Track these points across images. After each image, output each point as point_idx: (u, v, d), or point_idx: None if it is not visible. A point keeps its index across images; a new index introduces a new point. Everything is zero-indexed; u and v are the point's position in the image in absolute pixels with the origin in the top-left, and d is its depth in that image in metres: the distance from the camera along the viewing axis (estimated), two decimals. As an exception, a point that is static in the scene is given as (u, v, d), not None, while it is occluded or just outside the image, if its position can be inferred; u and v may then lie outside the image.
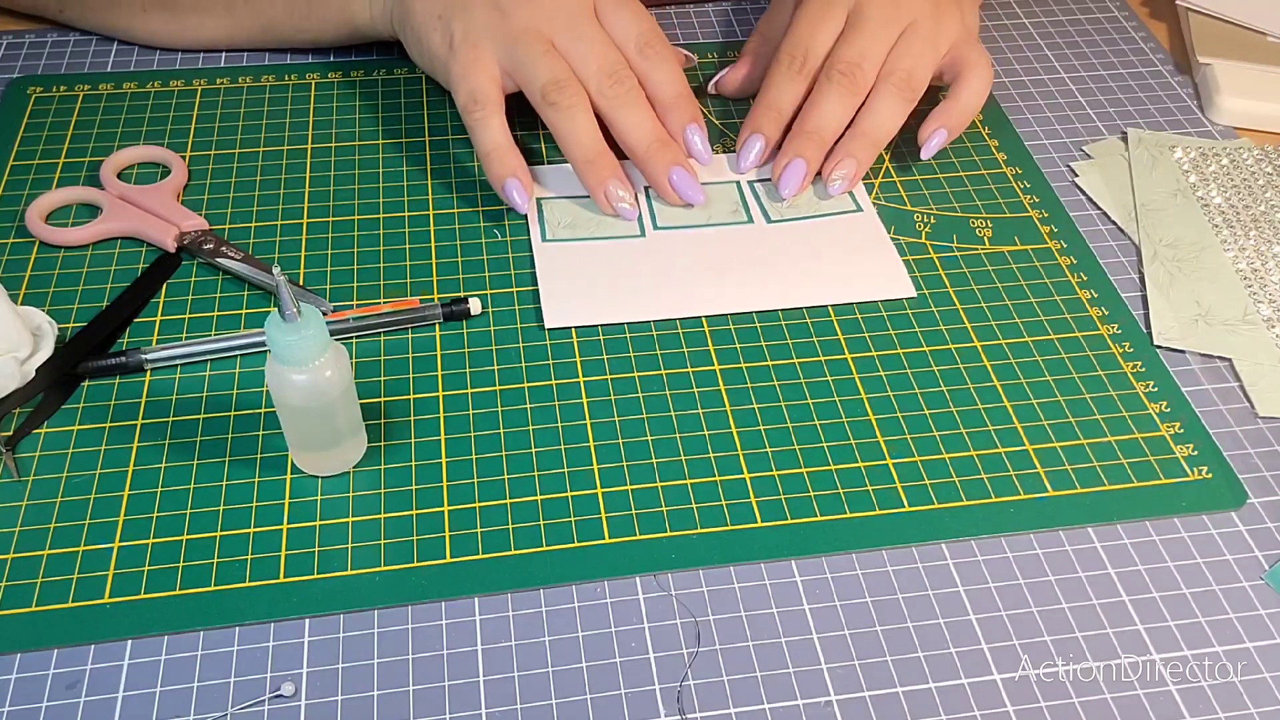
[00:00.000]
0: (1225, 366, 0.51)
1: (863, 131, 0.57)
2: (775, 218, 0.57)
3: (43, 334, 0.48)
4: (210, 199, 0.57)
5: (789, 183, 0.56)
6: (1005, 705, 0.39)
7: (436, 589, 0.42)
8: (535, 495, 0.45)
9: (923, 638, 0.41)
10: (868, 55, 0.57)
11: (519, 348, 0.50)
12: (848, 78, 0.56)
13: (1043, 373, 0.50)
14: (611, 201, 0.55)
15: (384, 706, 0.39)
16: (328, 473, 0.45)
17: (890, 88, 0.57)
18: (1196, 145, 0.62)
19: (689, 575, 0.43)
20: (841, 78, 0.56)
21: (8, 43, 0.66)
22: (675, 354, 0.50)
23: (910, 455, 0.47)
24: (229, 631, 0.40)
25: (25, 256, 0.53)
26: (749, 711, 0.39)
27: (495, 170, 0.55)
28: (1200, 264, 0.55)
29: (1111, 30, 0.72)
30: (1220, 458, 0.47)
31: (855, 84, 0.56)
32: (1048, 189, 0.59)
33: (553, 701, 0.39)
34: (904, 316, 0.52)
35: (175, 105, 0.62)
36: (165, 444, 0.46)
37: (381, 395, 0.48)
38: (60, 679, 0.39)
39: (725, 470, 0.46)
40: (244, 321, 0.51)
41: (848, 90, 0.56)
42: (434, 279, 0.53)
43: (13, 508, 0.44)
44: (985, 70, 0.59)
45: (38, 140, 0.59)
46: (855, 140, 0.57)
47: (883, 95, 0.57)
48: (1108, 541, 0.44)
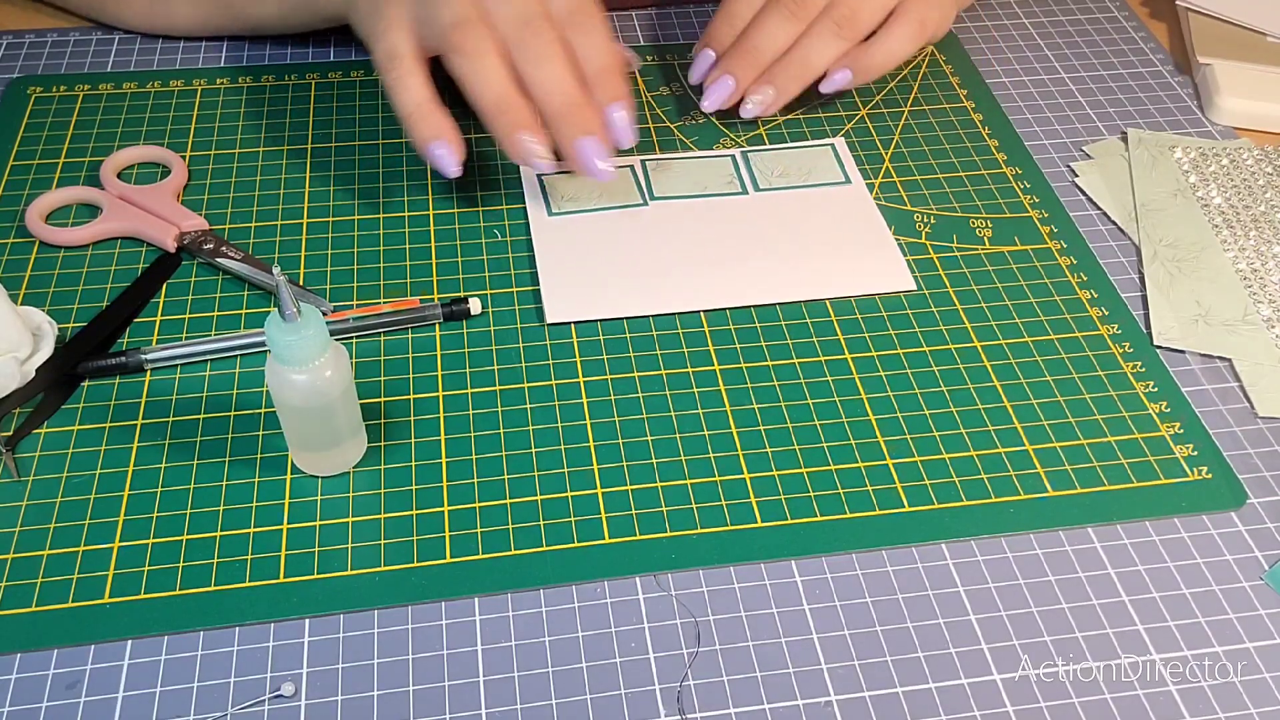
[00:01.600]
0: (1225, 366, 0.51)
1: (790, 61, 0.57)
2: (763, 185, 0.58)
3: (43, 334, 0.48)
4: (210, 199, 0.57)
5: (712, 96, 0.56)
6: (1005, 705, 0.39)
7: (436, 589, 0.42)
8: (535, 495, 0.45)
9: (923, 638, 0.41)
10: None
11: (519, 347, 0.50)
12: (795, 4, 0.56)
13: (1043, 373, 0.50)
14: (523, 150, 0.51)
15: (384, 706, 0.39)
16: (328, 473, 0.45)
17: (829, 24, 0.56)
18: (1196, 145, 0.62)
19: (689, 575, 0.43)
20: (790, 3, 0.56)
21: (8, 43, 0.66)
22: (675, 353, 0.50)
23: (910, 455, 0.47)
24: (229, 631, 0.40)
25: (25, 256, 0.53)
26: (749, 711, 0.39)
27: (419, 133, 0.51)
28: (1200, 264, 0.55)
29: (1111, 30, 0.72)
30: (1220, 458, 0.47)
31: (800, 10, 0.56)
32: (1048, 189, 0.59)
33: (553, 701, 0.39)
34: (904, 316, 0.52)
35: (175, 105, 0.62)
36: (165, 444, 0.46)
37: (381, 395, 0.48)
38: (60, 679, 0.39)
39: (725, 470, 0.46)
40: (244, 321, 0.51)
41: (790, 15, 0.56)
42: (434, 279, 0.53)
43: (13, 508, 0.44)
44: (917, 27, 0.58)
45: (38, 140, 0.59)
46: (781, 69, 0.57)
47: (818, 30, 0.56)
48: (1108, 541, 0.44)
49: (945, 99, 0.65)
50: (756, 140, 0.61)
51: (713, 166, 0.59)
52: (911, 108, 0.64)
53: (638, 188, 0.57)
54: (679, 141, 0.61)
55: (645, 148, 0.60)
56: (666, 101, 0.64)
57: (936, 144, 0.62)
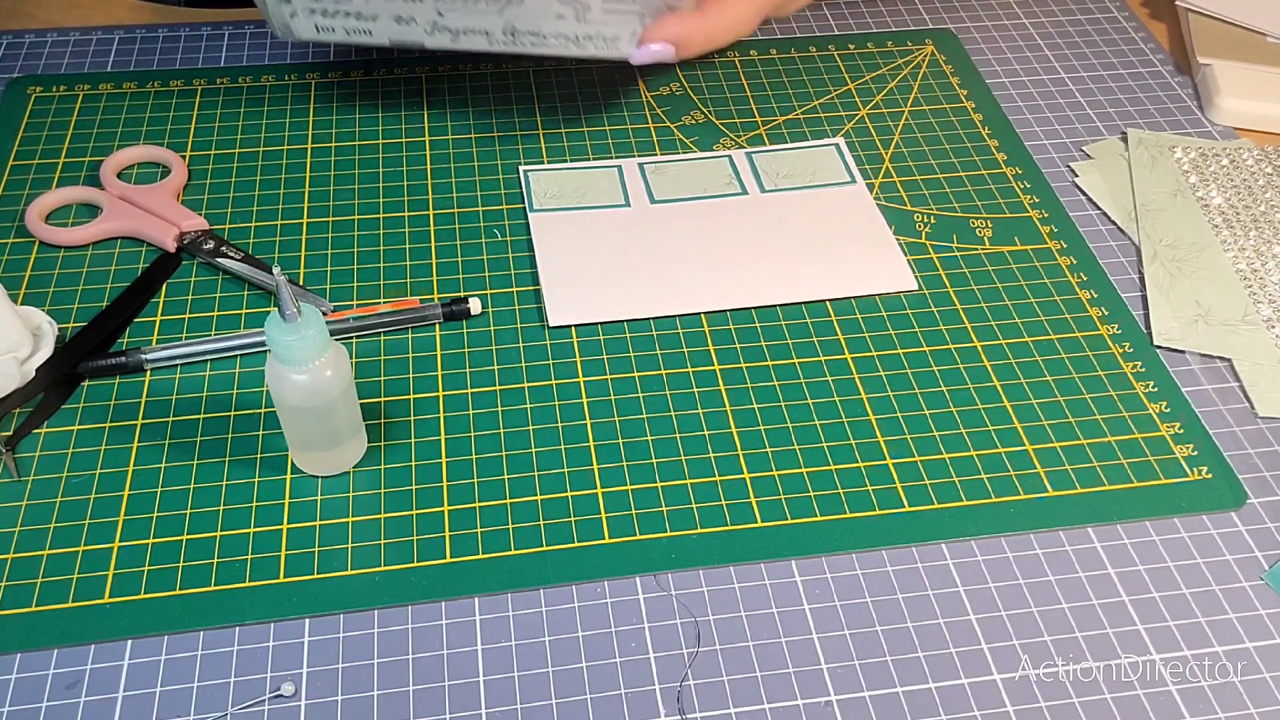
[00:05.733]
0: (1225, 366, 0.51)
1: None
2: (770, 187, 0.58)
3: (43, 334, 0.48)
4: (210, 199, 0.57)
5: (638, 56, 0.53)
6: (1005, 705, 0.39)
7: (436, 589, 0.42)
8: (535, 495, 0.45)
9: (923, 638, 0.41)
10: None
11: (519, 347, 0.50)
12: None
13: (1043, 373, 0.50)
14: None
15: (384, 706, 0.39)
16: (328, 473, 0.45)
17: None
18: (1196, 145, 0.62)
19: (689, 575, 0.43)
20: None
21: (8, 43, 0.66)
22: (675, 353, 0.50)
23: (910, 455, 0.47)
24: (229, 631, 0.40)
25: (25, 256, 0.53)
26: (749, 711, 0.39)
27: None
28: (1200, 264, 0.55)
29: (1111, 30, 0.72)
30: (1220, 458, 0.47)
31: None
32: (1048, 189, 0.59)
33: (553, 701, 0.39)
34: (904, 316, 0.52)
35: (175, 105, 0.62)
36: (165, 444, 0.46)
37: (381, 395, 0.48)
38: (60, 679, 0.39)
39: (725, 470, 0.46)
40: (244, 321, 0.51)
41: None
42: (434, 279, 0.53)
43: (13, 508, 0.44)
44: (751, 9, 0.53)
45: (38, 140, 0.59)
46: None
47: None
48: (1108, 541, 0.44)
49: (945, 99, 0.65)
50: (757, 141, 0.61)
51: (713, 167, 0.59)
52: (911, 108, 0.64)
53: (622, 189, 0.57)
54: (679, 141, 0.61)
55: (645, 148, 0.60)
56: (666, 101, 0.64)
57: (936, 144, 0.62)
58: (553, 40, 0.53)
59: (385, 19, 0.53)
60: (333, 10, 0.53)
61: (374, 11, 0.53)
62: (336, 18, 0.53)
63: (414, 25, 0.53)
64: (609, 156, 0.60)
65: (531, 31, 0.53)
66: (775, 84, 0.65)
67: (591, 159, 0.60)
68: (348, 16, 0.53)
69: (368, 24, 0.53)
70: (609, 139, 0.61)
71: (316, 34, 0.54)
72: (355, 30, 0.54)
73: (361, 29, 0.54)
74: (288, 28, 0.54)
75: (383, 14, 0.53)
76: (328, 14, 0.53)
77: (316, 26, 0.54)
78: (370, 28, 0.54)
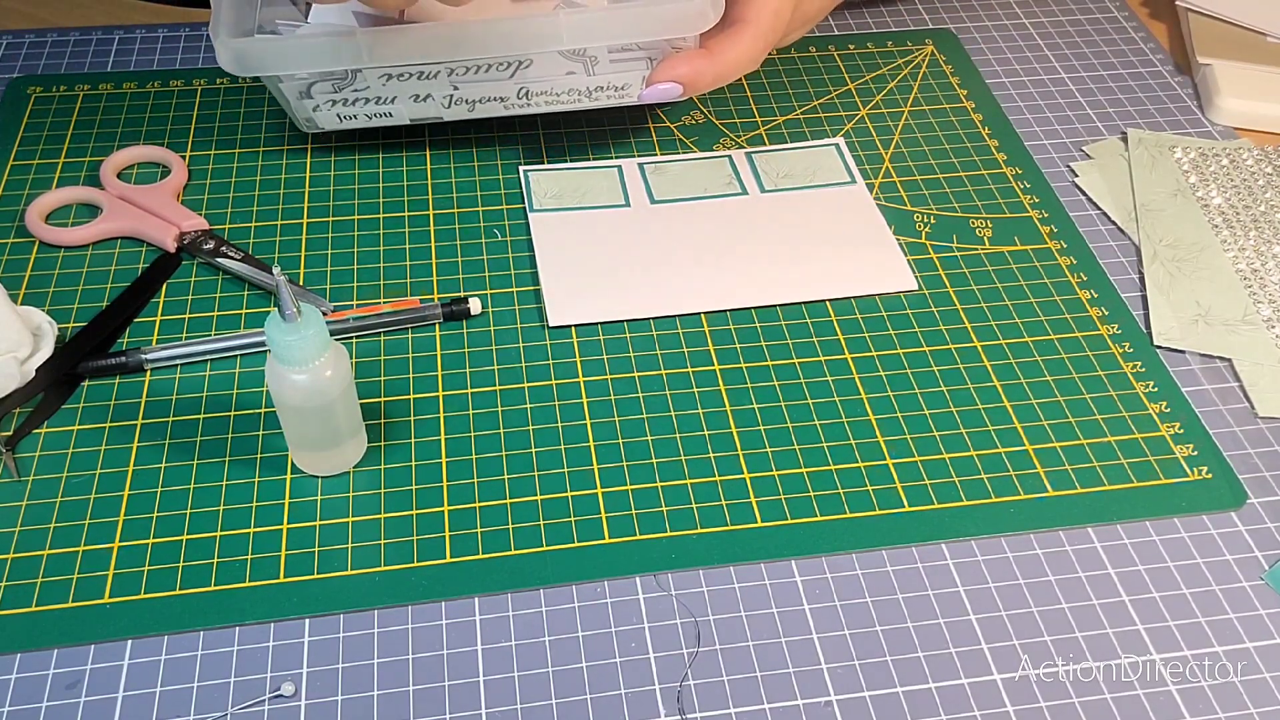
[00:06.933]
0: (1225, 366, 0.51)
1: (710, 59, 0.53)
2: (770, 187, 0.58)
3: (43, 334, 0.48)
4: (210, 199, 0.57)
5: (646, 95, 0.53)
6: (1005, 705, 0.39)
7: (436, 589, 0.42)
8: (535, 495, 0.45)
9: (923, 638, 0.41)
10: None
11: (519, 347, 0.50)
12: None
13: (1043, 373, 0.50)
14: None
15: (384, 706, 0.39)
16: (328, 473, 0.45)
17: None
18: (1196, 145, 0.62)
19: (689, 575, 0.43)
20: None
21: (8, 43, 0.66)
22: (675, 353, 0.50)
23: (910, 455, 0.47)
24: (229, 631, 0.40)
25: (25, 256, 0.53)
26: (749, 711, 0.39)
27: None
28: (1200, 264, 0.55)
29: (1111, 30, 0.72)
30: (1220, 458, 0.47)
31: None
32: (1048, 189, 0.59)
33: (553, 701, 0.39)
34: (904, 316, 0.52)
35: (175, 105, 0.62)
36: (165, 444, 0.46)
37: (381, 395, 0.48)
38: (60, 679, 0.39)
39: (725, 470, 0.46)
40: (244, 321, 0.51)
41: None
42: (434, 279, 0.53)
43: (13, 508, 0.44)
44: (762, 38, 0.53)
45: (38, 140, 0.59)
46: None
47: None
48: (1108, 541, 0.44)
49: (945, 99, 0.65)
50: (757, 141, 0.61)
51: (713, 167, 0.59)
52: (911, 108, 0.64)
53: (622, 189, 0.57)
54: (679, 141, 0.61)
55: (645, 148, 0.60)
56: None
57: (936, 144, 0.62)
58: (565, 96, 0.55)
59: (404, 100, 0.55)
60: (353, 99, 0.54)
61: (392, 94, 0.54)
62: (357, 105, 0.54)
63: (431, 101, 0.55)
64: (609, 156, 0.60)
65: (544, 91, 0.55)
66: (775, 84, 0.65)
67: (591, 159, 0.60)
68: (368, 103, 0.54)
69: (387, 107, 0.55)
70: (609, 139, 0.61)
71: (340, 123, 0.56)
72: (376, 114, 0.56)
73: (382, 112, 0.55)
74: (311, 121, 0.56)
75: (401, 95, 0.54)
76: (349, 103, 0.54)
77: (339, 116, 0.55)
78: (390, 110, 0.55)
